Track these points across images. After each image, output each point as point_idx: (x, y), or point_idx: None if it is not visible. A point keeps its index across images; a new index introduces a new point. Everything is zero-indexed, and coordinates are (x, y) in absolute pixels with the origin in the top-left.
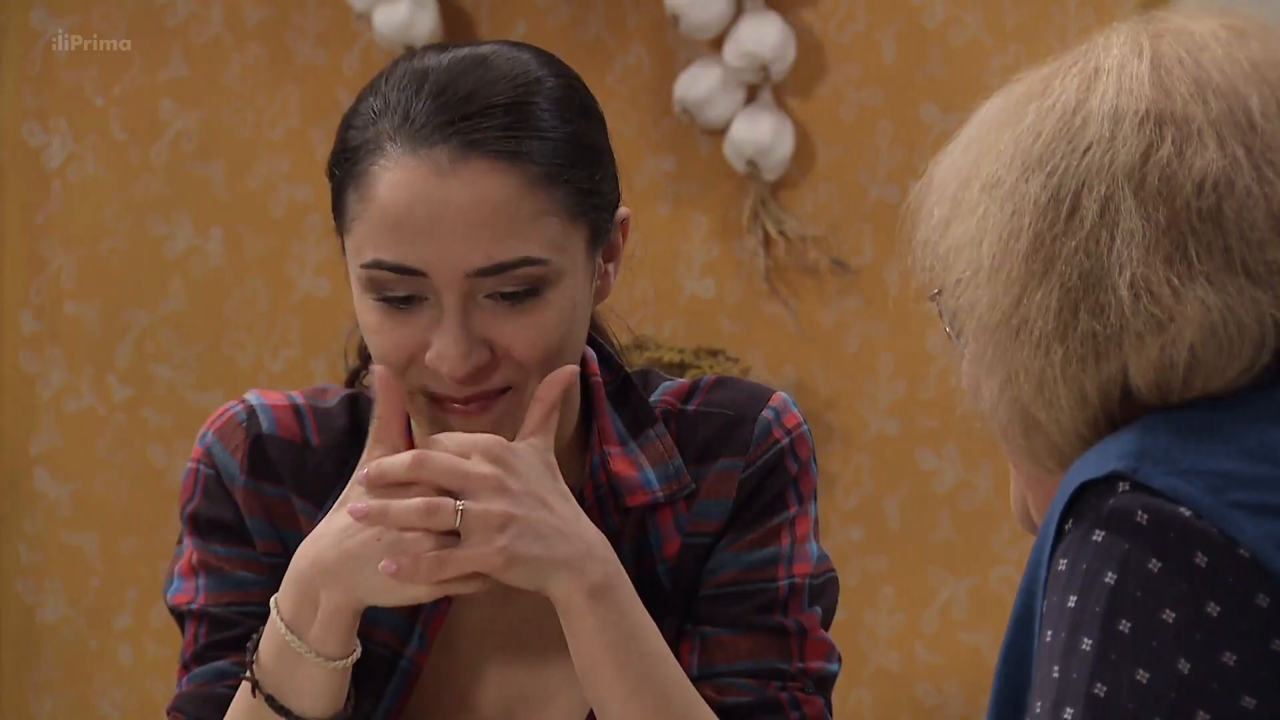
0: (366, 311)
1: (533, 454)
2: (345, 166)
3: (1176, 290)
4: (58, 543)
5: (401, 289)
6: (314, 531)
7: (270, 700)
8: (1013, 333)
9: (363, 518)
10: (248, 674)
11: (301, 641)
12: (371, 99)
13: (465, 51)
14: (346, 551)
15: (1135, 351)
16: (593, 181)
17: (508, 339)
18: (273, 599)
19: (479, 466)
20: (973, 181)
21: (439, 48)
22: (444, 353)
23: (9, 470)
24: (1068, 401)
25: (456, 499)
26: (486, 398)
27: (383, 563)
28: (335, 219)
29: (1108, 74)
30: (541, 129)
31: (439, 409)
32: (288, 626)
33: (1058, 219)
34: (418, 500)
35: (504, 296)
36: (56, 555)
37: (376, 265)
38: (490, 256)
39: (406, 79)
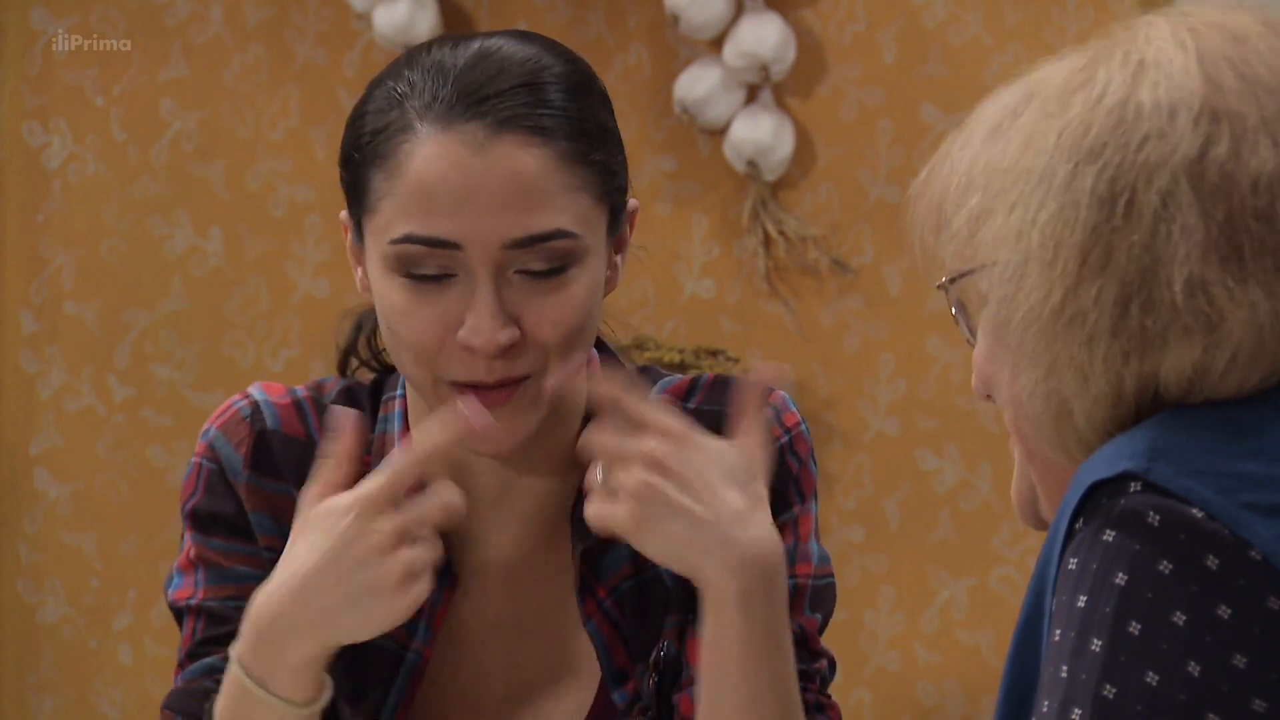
0: (393, 293)
1: (720, 449)
2: (368, 148)
3: (1231, 291)
4: (58, 543)
5: (432, 266)
6: (272, 580)
7: None
8: (1065, 325)
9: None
10: None
11: (269, 693)
12: (392, 83)
13: (476, 44)
14: (312, 606)
15: (1179, 350)
16: (616, 164)
17: (534, 317)
18: (232, 649)
19: (644, 443)
20: (1014, 172)
21: (452, 40)
22: (478, 327)
23: (9, 470)
24: (1105, 395)
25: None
26: (509, 384)
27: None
28: (353, 202)
29: (1155, 66)
30: (560, 108)
31: (463, 400)
32: (254, 680)
33: (1114, 212)
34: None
35: (533, 274)
36: (56, 555)
37: (409, 240)
38: (526, 228)
39: (427, 66)
